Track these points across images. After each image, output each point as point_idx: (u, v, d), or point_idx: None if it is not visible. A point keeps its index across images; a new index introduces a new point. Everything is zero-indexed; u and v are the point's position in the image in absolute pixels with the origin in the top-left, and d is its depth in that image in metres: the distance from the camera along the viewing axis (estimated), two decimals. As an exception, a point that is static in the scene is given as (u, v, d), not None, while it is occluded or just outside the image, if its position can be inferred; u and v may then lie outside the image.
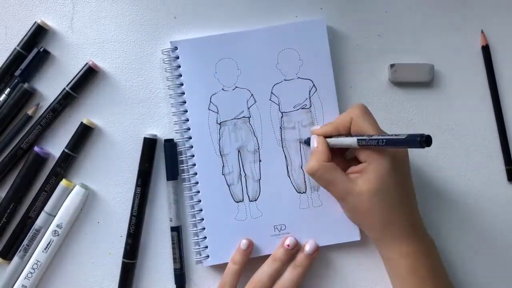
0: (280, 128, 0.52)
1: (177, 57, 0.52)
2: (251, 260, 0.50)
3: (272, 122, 0.52)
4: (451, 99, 0.54)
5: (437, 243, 0.47)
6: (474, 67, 0.54)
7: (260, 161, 0.51)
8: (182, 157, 0.51)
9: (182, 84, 0.51)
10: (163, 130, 0.53)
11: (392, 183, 0.44)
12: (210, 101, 0.51)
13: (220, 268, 0.51)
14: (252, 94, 0.52)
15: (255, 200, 0.51)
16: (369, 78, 0.53)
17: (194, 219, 0.51)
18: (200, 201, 0.51)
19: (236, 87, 0.52)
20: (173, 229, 0.51)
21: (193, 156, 0.51)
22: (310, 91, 0.52)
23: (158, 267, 0.52)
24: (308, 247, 0.50)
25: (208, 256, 0.51)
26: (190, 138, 0.51)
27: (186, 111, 0.51)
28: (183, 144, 0.51)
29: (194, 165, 0.51)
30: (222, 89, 0.51)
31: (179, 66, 0.52)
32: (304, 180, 0.51)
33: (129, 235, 0.51)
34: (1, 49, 0.53)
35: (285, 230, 0.51)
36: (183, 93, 0.51)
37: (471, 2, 0.54)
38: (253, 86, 0.52)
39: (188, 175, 0.51)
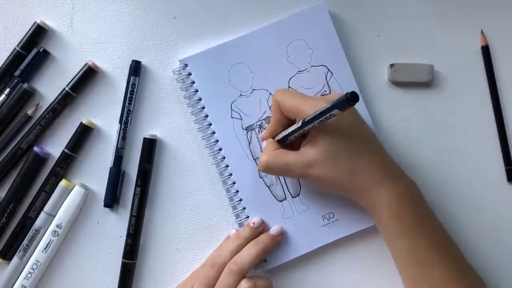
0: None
1: (190, 74, 0.52)
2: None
3: None
4: (451, 99, 0.54)
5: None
6: (474, 67, 0.54)
7: None
8: (216, 170, 0.51)
9: (200, 99, 0.52)
10: (163, 130, 0.53)
11: (341, 135, 0.44)
12: (231, 109, 0.52)
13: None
14: (270, 93, 0.52)
15: (298, 195, 0.51)
16: (369, 78, 0.53)
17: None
18: (244, 208, 0.51)
19: (253, 89, 0.52)
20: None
21: (227, 166, 0.51)
22: (326, 77, 0.52)
23: (158, 267, 0.52)
24: (273, 229, 0.50)
25: (265, 260, 0.50)
26: (221, 149, 0.51)
27: (210, 124, 0.51)
28: (214, 157, 0.51)
29: (231, 174, 0.51)
30: (240, 94, 0.52)
31: (193, 82, 0.52)
32: None
33: (128, 235, 0.51)
34: (0, 49, 0.53)
35: (334, 218, 0.51)
36: (204, 107, 0.51)
37: (471, 2, 0.54)
38: (270, 85, 0.52)
39: (226, 186, 0.51)
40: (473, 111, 0.54)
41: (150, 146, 0.52)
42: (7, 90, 0.52)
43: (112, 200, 0.52)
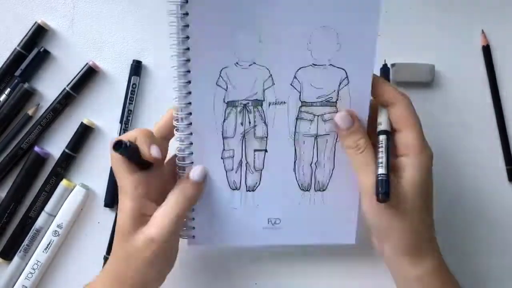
0: (296, 119, 0.45)
1: (186, 14, 0.41)
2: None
3: (288, 110, 0.45)
4: (452, 99, 0.54)
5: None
6: (475, 67, 0.54)
7: (266, 151, 0.46)
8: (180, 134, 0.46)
9: (188, 49, 0.42)
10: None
11: (428, 187, 0.42)
12: (220, 75, 0.43)
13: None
14: (271, 75, 0.44)
15: (253, 190, 0.47)
16: (369, 78, 0.53)
17: None
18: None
19: (254, 63, 0.43)
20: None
21: (191, 134, 0.44)
22: (340, 83, 0.44)
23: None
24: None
25: (194, 237, 0.47)
26: (190, 114, 0.44)
27: (189, 82, 0.43)
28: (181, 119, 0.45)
29: (191, 143, 0.45)
30: (237, 62, 0.43)
31: (187, 26, 0.41)
32: (311, 178, 0.47)
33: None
34: (1, 49, 0.53)
35: (279, 225, 0.47)
36: (188, 60, 0.42)
37: (471, 2, 0.54)
38: (274, 66, 0.43)
39: (183, 154, 0.45)
40: (474, 111, 0.54)
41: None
42: (7, 90, 0.52)
43: (112, 200, 0.52)
